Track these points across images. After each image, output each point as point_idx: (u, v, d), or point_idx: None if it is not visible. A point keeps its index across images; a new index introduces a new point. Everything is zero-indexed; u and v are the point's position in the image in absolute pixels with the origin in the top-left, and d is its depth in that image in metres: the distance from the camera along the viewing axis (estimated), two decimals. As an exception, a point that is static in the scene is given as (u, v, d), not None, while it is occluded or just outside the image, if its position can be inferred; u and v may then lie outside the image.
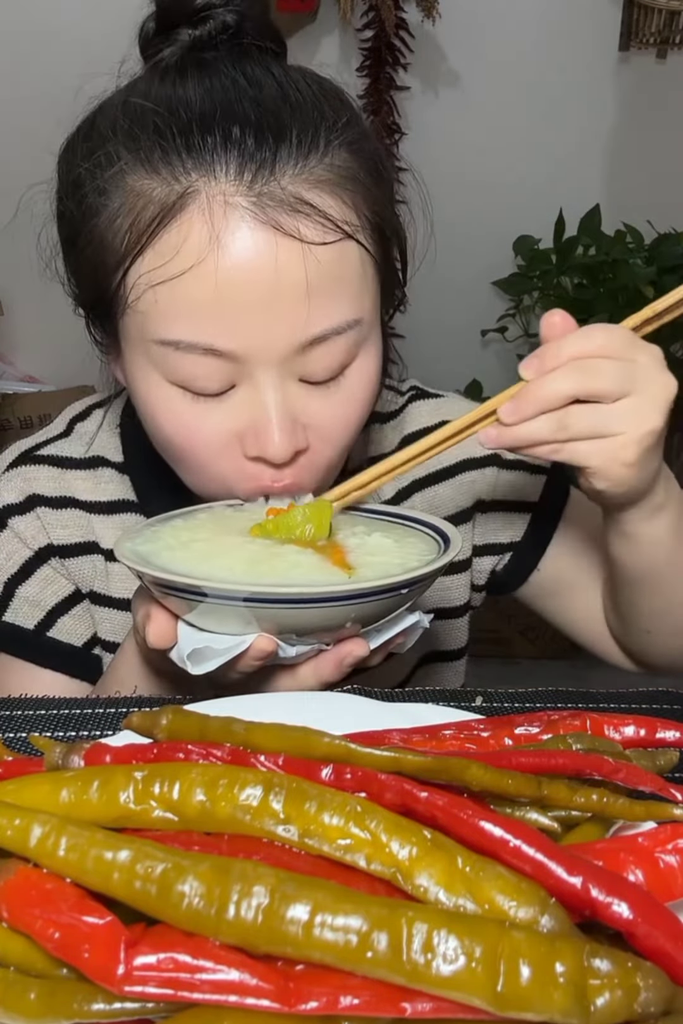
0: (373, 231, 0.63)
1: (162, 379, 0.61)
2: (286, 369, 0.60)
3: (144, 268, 0.59)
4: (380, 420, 0.82)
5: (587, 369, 0.56)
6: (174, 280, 0.58)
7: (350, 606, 0.51)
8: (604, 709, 0.58)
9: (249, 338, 0.58)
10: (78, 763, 0.37)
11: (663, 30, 2.54)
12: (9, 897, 0.31)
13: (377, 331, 0.66)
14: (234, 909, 0.29)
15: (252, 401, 0.61)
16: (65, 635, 0.76)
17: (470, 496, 0.81)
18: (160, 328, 0.59)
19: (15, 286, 2.19)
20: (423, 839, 0.32)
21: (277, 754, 0.36)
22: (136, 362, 0.62)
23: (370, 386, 0.65)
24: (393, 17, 2.37)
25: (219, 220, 0.57)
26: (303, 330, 0.59)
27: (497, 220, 2.51)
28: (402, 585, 0.52)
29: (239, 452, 0.62)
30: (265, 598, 0.50)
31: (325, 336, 0.60)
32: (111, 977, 0.28)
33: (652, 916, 0.30)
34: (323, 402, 0.62)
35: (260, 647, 0.53)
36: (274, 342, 0.59)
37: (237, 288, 0.57)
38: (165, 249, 0.58)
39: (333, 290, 0.59)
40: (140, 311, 0.60)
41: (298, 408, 0.61)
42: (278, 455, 0.60)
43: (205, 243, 0.57)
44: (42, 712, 0.56)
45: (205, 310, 0.58)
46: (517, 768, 0.38)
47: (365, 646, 0.55)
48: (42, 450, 0.78)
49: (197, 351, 0.59)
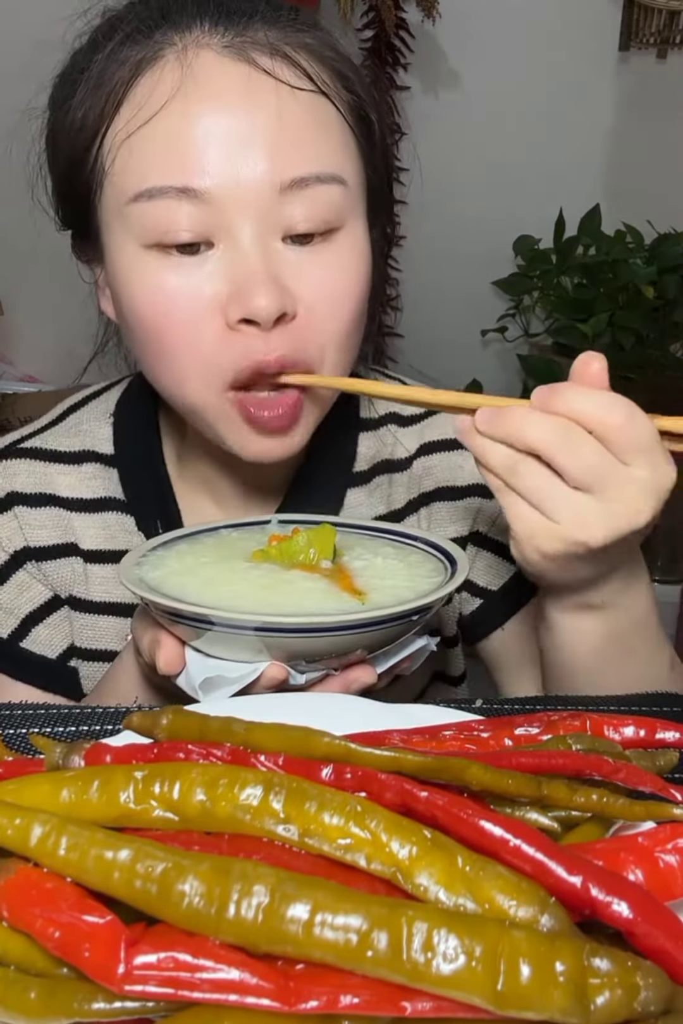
0: (354, 114, 0.63)
1: (137, 246, 0.59)
2: (266, 223, 0.58)
3: (120, 124, 0.59)
4: (399, 423, 0.78)
5: (569, 437, 0.50)
6: (147, 125, 0.57)
7: (363, 634, 0.51)
8: (604, 711, 0.58)
9: (223, 175, 0.57)
10: (78, 763, 0.37)
11: (663, 30, 2.54)
12: (9, 896, 0.31)
13: (364, 224, 0.64)
14: (234, 908, 0.29)
15: (232, 261, 0.58)
16: (39, 646, 0.74)
17: (469, 524, 0.77)
18: (134, 179, 0.58)
19: (15, 286, 2.19)
20: (423, 839, 0.32)
21: (277, 754, 0.36)
22: (116, 242, 0.61)
23: (360, 262, 0.62)
24: (393, 17, 2.37)
25: (193, 59, 0.58)
26: (281, 170, 0.57)
27: (497, 220, 2.51)
28: (415, 611, 0.52)
29: (222, 322, 0.59)
30: (277, 627, 0.50)
31: (305, 181, 0.58)
32: (111, 976, 0.28)
33: (652, 915, 0.30)
34: (309, 266, 0.60)
35: (272, 675, 0.52)
36: (250, 182, 0.57)
37: (209, 122, 0.57)
38: (139, 98, 0.58)
39: (311, 136, 0.59)
40: (117, 172, 0.59)
41: (282, 269, 0.59)
42: (263, 310, 0.57)
43: (177, 81, 0.57)
44: (42, 712, 0.56)
45: (178, 148, 0.57)
46: (517, 768, 0.38)
47: (373, 672, 0.55)
48: (26, 442, 0.76)
49: (171, 194, 0.57)
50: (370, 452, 0.77)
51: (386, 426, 0.78)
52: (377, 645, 0.54)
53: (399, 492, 0.77)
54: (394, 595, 0.54)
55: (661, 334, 2.26)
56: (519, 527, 0.53)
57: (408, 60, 2.50)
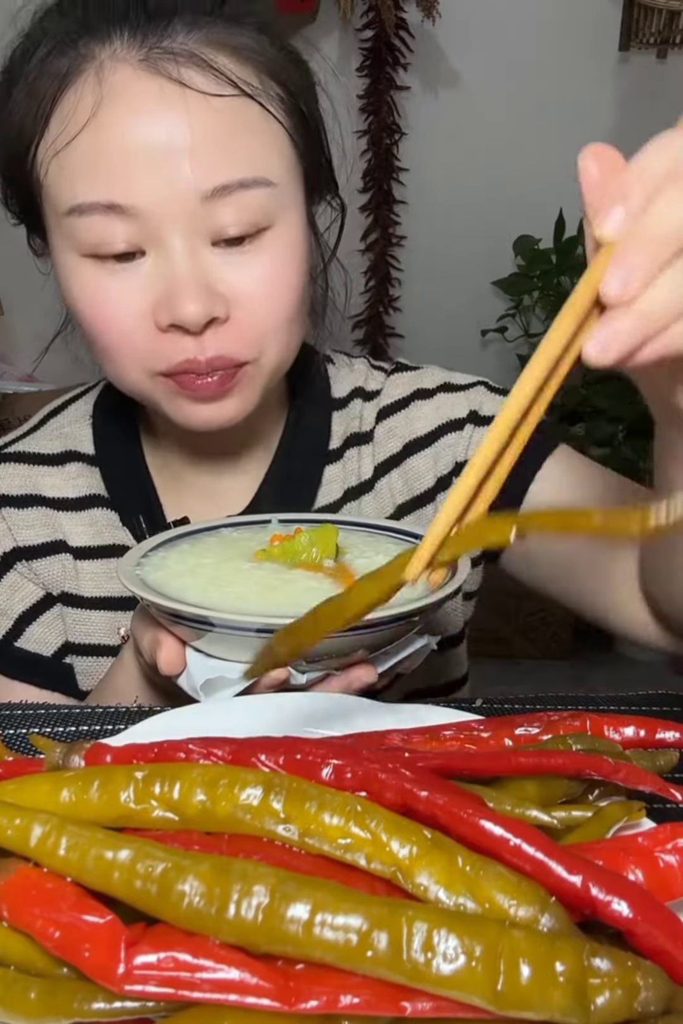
0: (285, 107, 0.63)
1: (75, 254, 0.62)
2: (194, 229, 0.60)
3: (49, 139, 0.60)
4: (364, 397, 0.80)
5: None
6: (72, 142, 0.59)
7: (364, 634, 0.51)
8: (604, 711, 0.58)
9: (147, 190, 0.58)
10: (78, 763, 0.37)
11: (663, 30, 2.54)
12: (9, 896, 0.31)
13: (300, 212, 0.65)
14: (234, 908, 0.29)
15: (162, 269, 0.60)
16: (34, 645, 0.75)
17: (449, 461, 0.78)
18: (66, 195, 0.60)
19: (15, 286, 2.18)
20: (423, 838, 0.32)
21: (277, 753, 0.36)
22: (57, 245, 0.63)
23: (295, 254, 0.64)
24: (393, 17, 2.38)
25: (109, 76, 0.59)
26: (201, 180, 0.59)
27: (497, 220, 2.51)
28: (417, 612, 0.52)
29: (153, 327, 0.61)
30: (278, 628, 0.50)
31: (228, 188, 0.59)
32: (111, 976, 0.28)
33: (652, 915, 0.30)
34: (240, 268, 0.61)
35: (274, 675, 0.52)
36: (174, 194, 0.59)
37: (128, 138, 0.58)
38: (64, 114, 0.60)
39: (230, 142, 0.60)
40: (50, 184, 0.61)
41: (212, 275, 0.61)
42: (190, 316, 0.59)
43: (97, 97, 0.59)
44: (42, 712, 0.56)
45: (101, 166, 0.59)
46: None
47: (373, 672, 0.55)
48: (9, 448, 0.78)
49: (98, 210, 0.59)
50: (341, 428, 0.79)
51: (353, 401, 0.80)
52: (378, 645, 0.54)
53: (366, 462, 0.78)
54: (398, 595, 0.54)
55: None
56: None
57: (408, 60, 2.50)
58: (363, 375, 0.81)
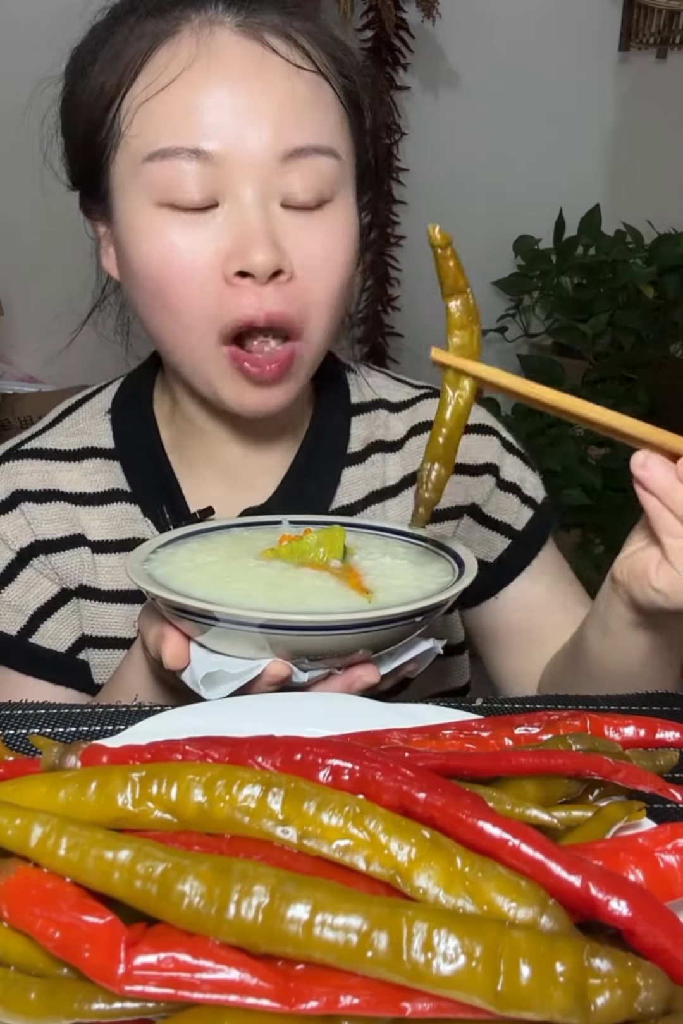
0: (348, 99, 0.68)
1: (150, 204, 0.64)
2: (267, 187, 0.63)
3: (137, 91, 0.64)
4: (389, 408, 0.82)
5: None
6: (163, 92, 0.63)
7: (366, 633, 0.51)
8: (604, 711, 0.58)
9: (230, 140, 0.62)
10: (75, 763, 0.37)
11: (663, 30, 2.54)
12: (9, 897, 0.31)
13: (354, 198, 0.69)
14: (234, 909, 0.29)
15: (235, 220, 0.63)
16: (49, 640, 0.75)
17: (464, 496, 0.80)
18: (151, 141, 0.63)
19: (15, 286, 2.18)
20: (422, 839, 0.32)
21: (275, 755, 0.36)
22: (127, 201, 0.66)
23: (350, 231, 0.68)
24: (393, 17, 2.37)
25: (207, 35, 0.64)
26: (283, 140, 0.63)
27: (497, 220, 2.50)
28: (421, 612, 0.52)
29: (220, 281, 0.64)
30: (280, 624, 0.50)
31: (304, 151, 0.64)
32: (111, 976, 0.28)
33: (652, 915, 0.30)
34: (304, 231, 0.65)
35: (274, 672, 0.52)
36: (254, 149, 0.63)
37: (220, 92, 0.63)
38: (156, 68, 0.64)
39: (312, 112, 0.65)
40: (132, 134, 0.64)
41: (280, 231, 0.64)
42: (259, 264, 0.62)
43: (193, 53, 0.63)
44: (42, 712, 0.56)
45: (190, 114, 0.62)
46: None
47: (375, 672, 0.55)
48: (27, 444, 0.78)
49: (182, 155, 0.62)
50: (363, 433, 0.81)
51: (376, 410, 0.82)
52: (381, 645, 0.54)
53: (393, 469, 0.80)
54: (401, 595, 0.54)
55: (661, 334, 2.26)
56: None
57: (408, 60, 2.49)
58: (385, 387, 0.83)
